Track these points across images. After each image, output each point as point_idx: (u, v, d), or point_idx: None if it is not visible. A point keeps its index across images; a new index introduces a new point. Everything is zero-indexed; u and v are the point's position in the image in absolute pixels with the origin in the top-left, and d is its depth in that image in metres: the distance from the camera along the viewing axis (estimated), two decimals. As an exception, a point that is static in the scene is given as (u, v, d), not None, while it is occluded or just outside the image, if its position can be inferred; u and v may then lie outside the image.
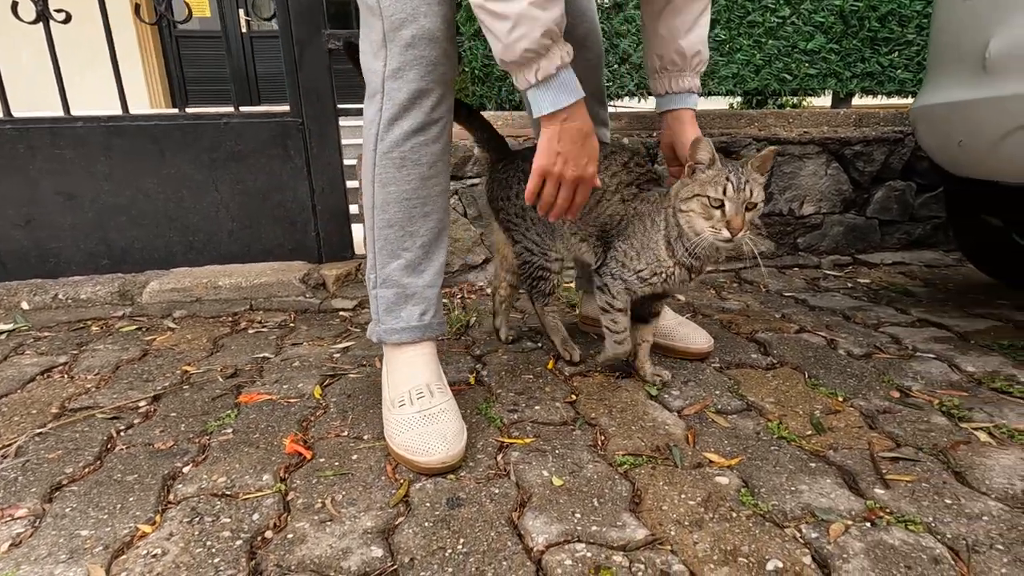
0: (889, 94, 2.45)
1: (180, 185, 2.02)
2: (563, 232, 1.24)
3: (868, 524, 0.78)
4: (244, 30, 7.42)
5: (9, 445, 1.02)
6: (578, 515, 0.81)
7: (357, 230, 2.14)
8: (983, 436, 1.00)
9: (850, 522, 0.79)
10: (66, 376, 1.33)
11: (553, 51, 0.90)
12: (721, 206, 0.99)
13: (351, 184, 2.09)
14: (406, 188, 1.03)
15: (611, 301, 1.17)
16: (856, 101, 2.57)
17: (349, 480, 0.91)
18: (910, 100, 2.62)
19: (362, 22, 1.03)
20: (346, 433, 1.06)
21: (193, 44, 7.27)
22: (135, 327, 1.63)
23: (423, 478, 0.91)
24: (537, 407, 1.14)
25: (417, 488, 0.88)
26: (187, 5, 1.97)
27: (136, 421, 1.11)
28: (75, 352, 1.46)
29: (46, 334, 1.58)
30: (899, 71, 2.39)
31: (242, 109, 2.06)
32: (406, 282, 1.07)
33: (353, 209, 2.16)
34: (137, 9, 1.90)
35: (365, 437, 1.04)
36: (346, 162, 2.11)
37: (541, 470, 0.92)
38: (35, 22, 1.83)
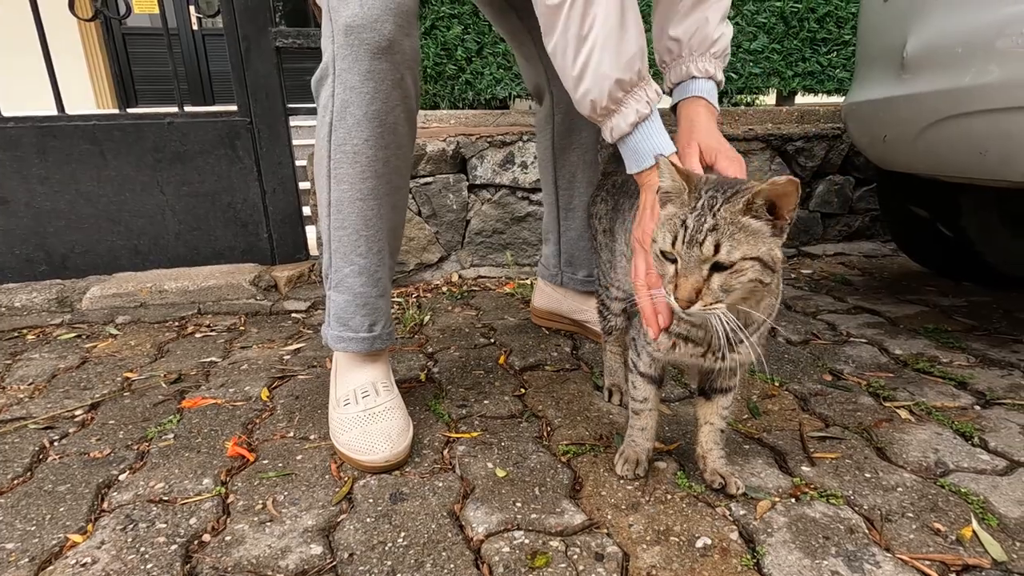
0: (829, 92, 2.56)
1: (123, 187, 1.95)
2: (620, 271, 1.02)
3: (793, 500, 0.82)
4: (195, 27, 7.20)
5: (-69, 460, 0.97)
6: (519, 504, 0.83)
7: (311, 231, 2.11)
8: (904, 414, 1.06)
9: (777, 499, 0.83)
10: (-3, 387, 1.27)
11: (626, 105, 0.82)
12: (675, 261, 0.68)
13: (303, 185, 2.06)
14: (362, 188, 0.96)
15: (635, 360, 0.89)
16: (799, 99, 2.67)
17: (292, 480, 0.90)
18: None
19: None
20: (292, 434, 1.05)
21: (143, 41, 7.01)
22: (74, 335, 1.58)
23: (368, 475, 0.91)
24: (486, 401, 1.15)
25: (361, 485, 0.88)
26: (126, 2, 1.91)
27: (71, 430, 1.08)
28: (8, 362, 1.40)
29: (-23, 344, 1.51)
30: (837, 70, 2.50)
31: (188, 108, 2.01)
32: (359, 290, 1.03)
33: (306, 211, 2.13)
34: (71, 4, 1.83)
35: (311, 437, 1.04)
36: (297, 163, 2.08)
37: (486, 462, 0.94)
38: (-41, 18, 1.74)
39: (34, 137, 1.87)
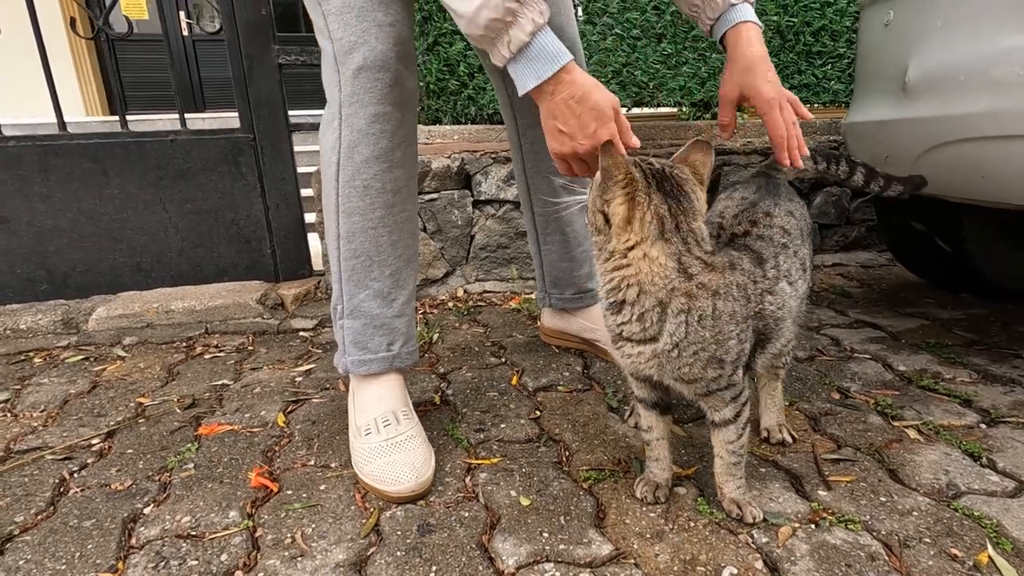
0: (825, 104, 2.59)
1: (125, 205, 1.95)
2: None
3: (813, 526, 0.84)
4: (185, 33, 7.15)
5: (-49, 495, 0.97)
6: (546, 534, 0.84)
7: (314, 245, 2.11)
8: (913, 433, 1.09)
9: (797, 525, 0.85)
10: (9, 415, 1.27)
11: (522, 15, 0.80)
12: None
13: (306, 192, 2.06)
14: (372, 217, 1.01)
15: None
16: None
17: (318, 512, 0.91)
18: (842, 108, 2.78)
19: (318, 40, 1.01)
20: (313, 462, 1.06)
21: (130, 47, 6.94)
22: (82, 357, 1.57)
23: (393, 506, 0.92)
24: (503, 425, 1.16)
25: (387, 516, 0.89)
26: (127, 19, 1.91)
27: (90, 461, 1.07)
28: (17, 388, 1.39)
29: (-17, 369, 1.50)
30: (832, 82, 2.53)
31: (190, 125, 2.01)
32: (375, 312, 1.05)
33: (309, 218, 2.12)
34: (73, 23, 1.82)
35: (333, 465, 1.04)
36: (300, 170, 2.08)
37: (509, 490, 0.95)
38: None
39: (36, 156, 1.87)
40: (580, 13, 2.22)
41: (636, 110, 2.52)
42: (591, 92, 0.84)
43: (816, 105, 2.63)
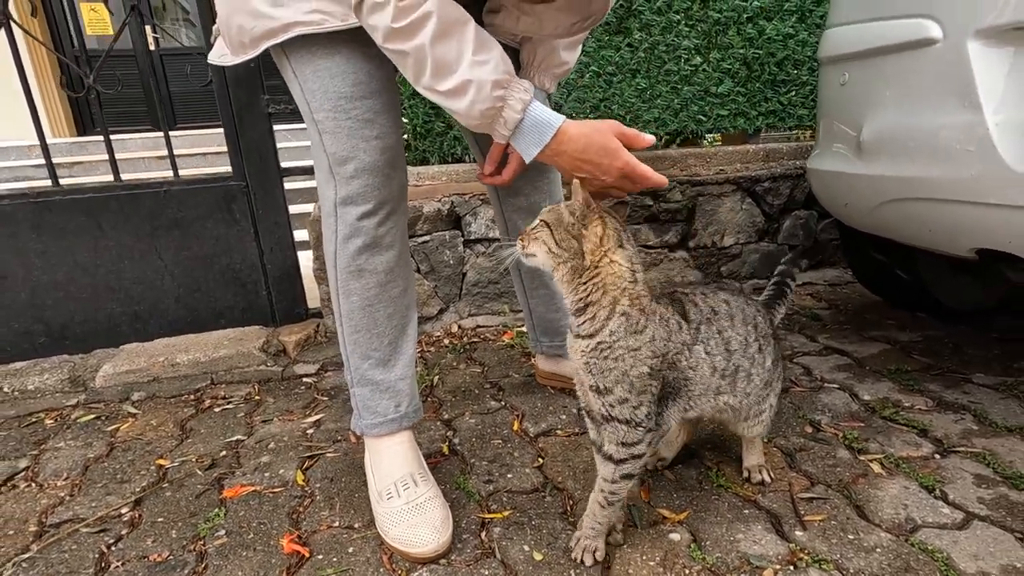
0: (791, 128, 2.75)
1: (120, 256, 1.98)
2: None
3: (791, 568, 0.96)
4: (152, 47, 7.02)
5: (-3, 577, 1.03)
6: (560, 589, 0.94)
7: (309, 283, 2.17)
8: (876, 467, 1.22)
9: (778, 567, 0.96)
10: (33, 484, 1.31)
11: (511, 97, 0.89)
12: None
13: (294, 209, 2.11)
14: (367, 296, 1.12)
15: None
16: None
17: (350, 576, 1.00)
18: (808, 131, 2.94)
19: (311, 149, 1.11)
20: (337, 523, 1.14)
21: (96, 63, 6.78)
22: (93, 416, 1.62)
23: (419, 566, 1.01)
24: (509, 475, 1.26)
25: (415, 578, 0.99)
26: (117, 78, 1.94)
27: (124, 532, 1.14)
28: (35, 453, 1.44)
29: (-3, 434, 1.54)
30: (797, 108, 2.68)
31: (183, 175, 2.05)
32: (379, 379, 1.16)
33: (300, 235, 2.17)
34: (61, 82, 1.85)
35: (356, 525, 1.13)
36: (288, 185, 2.13)
37: (522, 545, 1.05)
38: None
39: (29, 212, 1.89)
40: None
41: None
42: (591, 138, 0.92)
43: (783, 130, 2.79)
